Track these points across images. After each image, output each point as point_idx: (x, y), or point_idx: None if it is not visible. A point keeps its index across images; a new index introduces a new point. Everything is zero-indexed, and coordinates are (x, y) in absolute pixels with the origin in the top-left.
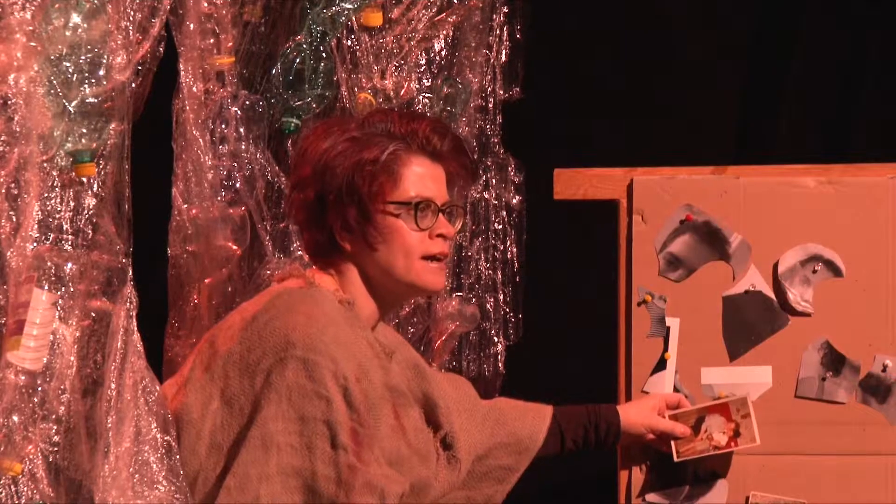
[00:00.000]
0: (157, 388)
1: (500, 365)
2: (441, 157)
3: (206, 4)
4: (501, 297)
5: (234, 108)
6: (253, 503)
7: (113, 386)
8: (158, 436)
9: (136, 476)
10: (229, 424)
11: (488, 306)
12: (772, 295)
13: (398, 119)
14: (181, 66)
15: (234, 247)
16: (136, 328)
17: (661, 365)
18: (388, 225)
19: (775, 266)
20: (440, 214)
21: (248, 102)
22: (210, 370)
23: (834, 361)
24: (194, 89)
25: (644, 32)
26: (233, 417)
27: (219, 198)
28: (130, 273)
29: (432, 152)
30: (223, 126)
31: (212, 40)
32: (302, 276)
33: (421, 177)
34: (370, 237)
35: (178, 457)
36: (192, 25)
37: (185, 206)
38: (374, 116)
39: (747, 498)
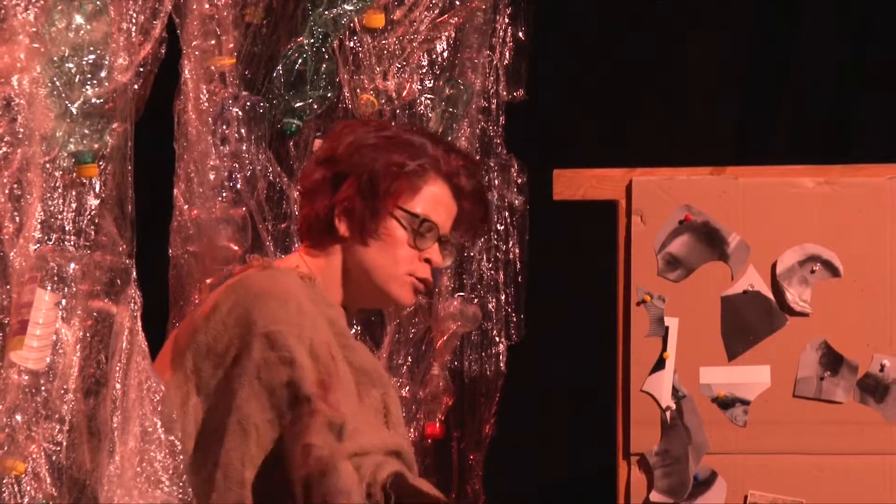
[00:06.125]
0: (162, 388)
1: (501, 365)
2: (460, 195)
3: (207, 6)
4: (503, 298)
5: (236, 109)
6: (241, 489)
7: (118, 386)
8: (163, 436)
9: (142, 476)
10: (210, 417)
11: (490, 306)
12: (770, 295)
13: (437, 142)
14: (183, 67)
15: (236, 247)
16: (140, 328)
17: (659, 364)
18: (389, 227)
19: (774, 266)
20: (437, 243)
21: (249, 103)
22: (182, 367)
23: (832, 361)
24: (196, 90)
25: (644, 33)
26: (212, 410)
27: (220, 198)
28: (134, 274)
29: (455, 187)
30: (224, 127)
31: (213, 41)
32: (260, 264)
33: (437, 201)
34: (368, 231)
35: (181, 457)
36: (193, 26)
37: (187, 206)
38: (419, 131)
39: (746, 497)
